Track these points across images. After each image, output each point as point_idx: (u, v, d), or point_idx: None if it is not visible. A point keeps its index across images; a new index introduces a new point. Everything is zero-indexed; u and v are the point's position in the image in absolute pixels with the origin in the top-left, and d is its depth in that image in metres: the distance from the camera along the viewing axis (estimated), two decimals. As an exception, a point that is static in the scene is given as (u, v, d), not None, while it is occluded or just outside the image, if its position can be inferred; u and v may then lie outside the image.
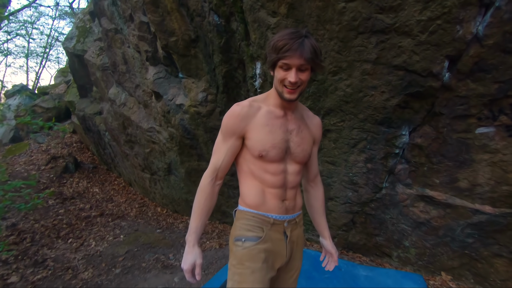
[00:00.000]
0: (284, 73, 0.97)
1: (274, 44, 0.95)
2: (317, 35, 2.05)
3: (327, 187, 2.94)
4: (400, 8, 1.69)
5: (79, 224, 4.21)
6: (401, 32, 1.76)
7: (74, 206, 4.84)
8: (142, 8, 3.34)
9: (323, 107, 2.41)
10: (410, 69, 1.88)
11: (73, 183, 5.80)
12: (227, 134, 1.06)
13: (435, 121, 2.10)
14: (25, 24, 10.36)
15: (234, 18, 2.43)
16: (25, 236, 3.68)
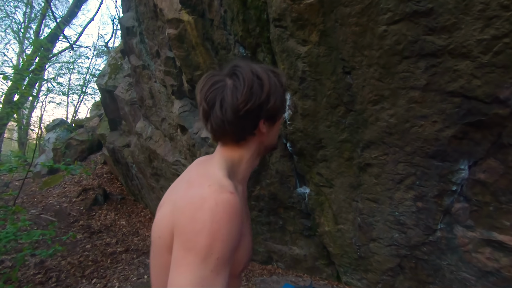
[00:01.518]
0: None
1: (282, 81, 0.72)
2: (353, 62, 1.85)
3: (368, 227, 2.60)
4: (455, 28, 1.46)
5: (104, 261, 4.10)
6: (457, 54, 1.52)
7: (100, 241, 4.78)
8: (168, 44, 3.38)
9: (362, 140, 2.15)
10: (469, 95, 1.60)
11: (101, 216, 5.82)
12: (228, 255, 0.55)
13: (503, 154, 1.76)
14: (66, 65, 11.29)
15: (260, 49, 2.32)
16: (51, 275, 3.60)
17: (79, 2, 11.21)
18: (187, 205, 0.58)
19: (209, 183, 0.61)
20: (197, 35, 2.73)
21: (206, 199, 0.57)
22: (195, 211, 0.56)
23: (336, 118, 2.18)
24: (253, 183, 3.22)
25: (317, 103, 2.17)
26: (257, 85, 0.65)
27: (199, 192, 0.59)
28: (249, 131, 0.70)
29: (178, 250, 0.55)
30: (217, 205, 0.56)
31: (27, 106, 11.16)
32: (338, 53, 1.89)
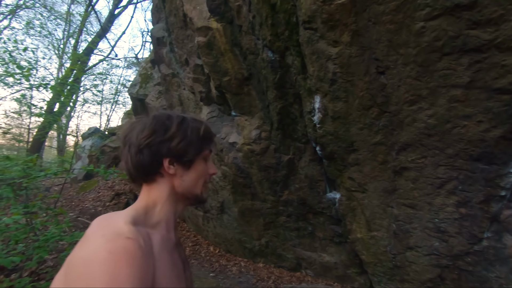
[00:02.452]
0: (205, 165, 0.73)
1: (199, 130, 0.71)
2: (388, 61, 1.79)
3: (404, 234, 2.47)
4: (502, 20, 1.36)
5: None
6: (505, 48, 1.41)
7: (132, 244, 4.95)
8: (197, 52, 3.48)
9: (398, 142, 2.06)
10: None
11: (132, 219, 6.03)
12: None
13: (562, 156, 1.60)
14: (98, 76, 12.01)
15: (289, 52, 2.32)
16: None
17: (112, 17, 11.93)
18: (77, 263, 0.51)
19: (103, 233, 0.54)
20: (226, 42, 2.78)
21: (97, 252, 0.50)
22: (84, 268, 0.48)
23: (369, 120, 2.11)
24: (281, 187, 3.19)
25: (349, 105, 2.11)
26: (162, 125, 0.67)
27: (91, 246, 0.52)
28: (153, 169, 0.68)
29: None
30: (111, 253, 0.49)
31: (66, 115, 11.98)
32: (371, 52, 1.83)
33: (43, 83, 4.18)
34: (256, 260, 4.11)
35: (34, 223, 2.24)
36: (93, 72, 11.66)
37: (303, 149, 2.86)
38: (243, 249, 4.24)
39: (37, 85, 3.90)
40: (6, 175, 2.19)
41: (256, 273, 3.86)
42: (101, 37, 11.40)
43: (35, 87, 4.05)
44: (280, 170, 3.06)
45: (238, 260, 4.40)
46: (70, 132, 12.81)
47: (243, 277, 3.76)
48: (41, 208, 2.27)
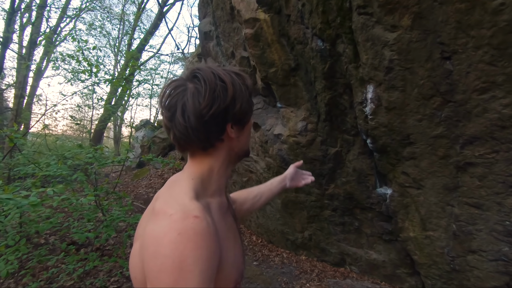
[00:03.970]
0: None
1: (247, 83, 0.66)
2: (455, 45, 1.62)
3: (466, 236, 2.26)
4: None
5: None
6: None
7: (181, 229, 5.28)
8: (243, 44, 3.51)
9: (463, 134, 1.87)
10: None
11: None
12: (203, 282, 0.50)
13: None
14: (150, 71, 12.84)
15: (340, 40, 2.22)
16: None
17: (161, 15, 12.58)
18: (150, 241, 0.53)
19: (172, 211, 0.55)
20: (273, 32, 2.76)
21: (167, 232, 0.52)
22: (156, 247, 0.51)
23: (430, 111, 1.94)
24: (327, 181, 3.12)
25: (407, 94, 1.96)
26: (220, 87, 0.61)
27: (161, 224, 0.54)
28: (216, 137, 0.64)
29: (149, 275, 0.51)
30: (180, 235, 0.51)
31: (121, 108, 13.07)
32: (436, 36, 1.67)
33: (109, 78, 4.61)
34: (298, 252, 4.10)
35: (102, 204, 2.51)
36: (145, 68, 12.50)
37: (351, 141, 2.75)
38: (285, 240, 4.26)
39: (104, 80, 4.32)
40: (79, 161, 2.48)
41: (299, 265, 3.86)
42: (151, 33, 12.11)
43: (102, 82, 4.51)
44: (326, 163, 2.99)
45: (280, 251, 4.44)
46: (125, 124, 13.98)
47: (286, 268, 3.79)
48: (107, 192, 2.54)
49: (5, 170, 3.12)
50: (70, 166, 2.48)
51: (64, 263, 2.72)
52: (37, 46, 9.15)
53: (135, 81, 10.69)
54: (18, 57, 8.56)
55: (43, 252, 2.21)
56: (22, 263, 2.98)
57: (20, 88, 8.37)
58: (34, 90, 10.17)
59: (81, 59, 3.86)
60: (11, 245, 1.75)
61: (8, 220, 1.70)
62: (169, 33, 22.40)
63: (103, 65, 6.40)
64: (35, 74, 9.96)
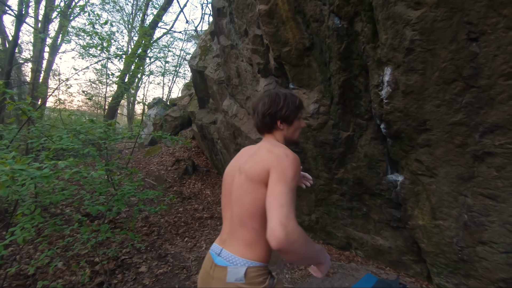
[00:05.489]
0: (299, 122, 1.24)
1: (296, 102, 1.22)
2: (484, 25, 1.50)
3: (478, 227, 2.21)
4: None
5: (193, 224, 4.64)
6: None
7: (190, 206, 5.41)
8: (257, 22, 3.39)
9: (484, 122, 1.78)
10: None
11: (190, 184, 6.54)
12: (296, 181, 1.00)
13: None
14: (163, 49, 12.72)
15: (359, 19, 2.10)
16: (154, 229, 4.27)
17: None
18: (279, 157, 1.00)
19: (283, 148, 1.07)
20: (288, 9, 2.64)
21: (288, 154, 1.02)
22: (284, 158, 1.00)
23: (450, 96, 1.84)
24: (337, 165, 3.08)
25: (426, 78, 1.86)
26: (276, 101, 1.18)
27: (282, 151, 1.04)
28: (271, 126, 1.19)
29: (276, 178, 0.96)
30: (295, 157, 1.02)
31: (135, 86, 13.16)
32: (464, 15, 1.55)
33: (120, 53, 4.59)
34: (305, 234, 4.15)
35: (113, 179, 2.57)
36: (158, 45, 12.37)
37: (364, 126, 2.67)
38: (292, 222, 4.31)
39: (115, 55, 4.30)
40: (91, 136, 2.53)
41: (304, 246, 3.92)
42: (165, 9, 11.88)
43: (113, 57, 4.49)
44: (337, 147, 2.93)
45: (287, 232, 4.52)
46: (139, 101, 14.08)
47: (291, 249, 3.86)
48: (118, 167, 2.59)
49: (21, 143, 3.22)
50: (83, 140, 2.53)
51: (79, 233, 2.86)
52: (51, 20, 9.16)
53: (148, 58, 10.65)
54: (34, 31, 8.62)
55: (58, 222, 2.31)
56: (39, 231, 3.15)
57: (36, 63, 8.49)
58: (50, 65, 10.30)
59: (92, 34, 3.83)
60: (27, 214, 1.83)
61: (24, 190, 1.77)
62: (181, 11, 21.92)
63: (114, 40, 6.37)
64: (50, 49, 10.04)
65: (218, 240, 1.15)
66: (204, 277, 1.11)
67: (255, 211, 1.01)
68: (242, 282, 0.99)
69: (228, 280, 1.00)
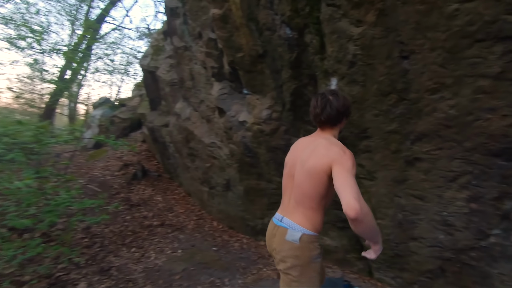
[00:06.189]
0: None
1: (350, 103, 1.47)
2: (413, 45, 1.68)
3: (410, 225, 2.46)
4: (548, 6, 1.24)
5: (142, 232, 4.36)
6: (545, 38, 1.30)
7: (139, 214, 5.08)
8: (211, 25, 3.36)
9: (414, 131, 1.99)
10: (554, 87, 1.39)
11: (139, 190, 6.16)
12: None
13: None
14: (110, 45, 11.86)
15: (308, 30, 2.20)
16: (96, 240, 3.91)
17: (125, -16, 11.56)
18: (339, 153, 1.24)
19: (340, 145, 1.32)
20: (242, 15, 2.67)
21: (344, 149, 1.28)
22: (343, 154, 1.24)
23: (386, 107, 2.03)
24: (288, 170, 3.17)
25: (366, 89, 2.03)
26: (346, 100, 1.44)
27: (340, 148, 1.29)
28: (340, 120, 1.44)
29: (340, 169, 1.19)
30: (349, 151, 1.28)
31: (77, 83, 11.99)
32: (396, 35, 1.73)
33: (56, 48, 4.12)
34: (258, 238, 4.19)
35: (45, 188, 2.30)
36: (105, 41, 11.49)
37: (313, 132, 2.81)
38: (245, 226, 4.32)
39: (49, 50, 3.86)
40: (18, 139, 2.22)
41: (257, 250, 3.95)
42: (113, 3, 11.13)
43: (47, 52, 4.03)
44: (288, 152, 3.03)
45: (241, 237, 4.50)
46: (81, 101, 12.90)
47: (245, 253, 3.85)
48: (52, 174, 2.32)
49: None
50: (7, 144, 2.21)
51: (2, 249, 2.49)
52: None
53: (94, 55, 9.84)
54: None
55: (-27, 238, 1.98)
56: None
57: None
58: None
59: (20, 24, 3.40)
60: None
61: None
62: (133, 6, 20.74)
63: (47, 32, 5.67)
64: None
65: (280, 211, 1.49)
66: (269, 236, 1.49)
67: (314, 194, 1.31)
68: (296, 243, 1.31)
69: (286, 238, 1.33)
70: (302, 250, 1.31)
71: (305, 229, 1.32)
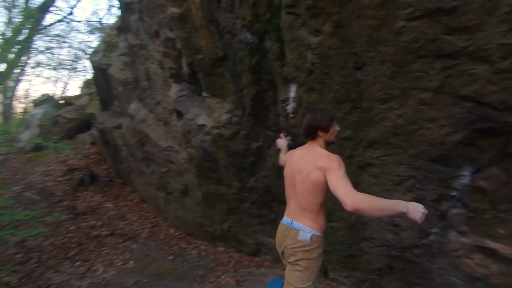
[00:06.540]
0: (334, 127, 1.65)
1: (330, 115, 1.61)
2: (366, 57, 1.78)
3: (361, 226, 2.59)
4: (477, 29, 1.40)
5: (88, 244, 3.99)
6: (475, 57, 1.47)
7: (85, 223, 4.65)
8: (169, 24, 3.22)
9: (365, 138, 2.11)
10: (482, 101, 1.57)
11: (87, 197, 5.65)
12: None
13: (508, 163, 1.74)
14: (56, 38, 10.77)
15: (268, 36, 2.22)
16: (32, 255, 3.48)
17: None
18: (326, 160, 1.45)
19: (326, 153, 1.52)
20: (202, 17, 2.60)
21: (331, 156, 1.48)
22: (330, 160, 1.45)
23: (341, 115, 2.12)
24: (248, 174, 3.16)
25: (323, 97, 2.10)
26: (315, 117, 1.57)
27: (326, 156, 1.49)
28: (315, 133, 1.60)
29: (332, 172, 1.40)
30: (335, 155, 1.47)
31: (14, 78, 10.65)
32: (351, 46, 1.81)
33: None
34: (217, 244, 4.10)
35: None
36: (49, 33, 10.41)
37: (273, 137, 2.83)
38: (203, 232, 4.20)
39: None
40: None
41: (216, 257, 3.85)
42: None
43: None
44: (248, 156, 3.02)
45: (198, 244, 4.36)
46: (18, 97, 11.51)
47: (202, 261, 3.73)
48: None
49: None
50: None
51: None
52: None
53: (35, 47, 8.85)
54: None
55: None
56: None
57: None
58: None
59: None
60: None
61: None
62: None
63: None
64: None
65: (287, 215, 1.72)
66: (280, 237, 1.70)
67: (316, 201, 1.54)
68: (307, 242, 1.53)
69: (299, 238, 1.55)
70: (311, 248, 1.55)
71: (314, 230, 1.56)
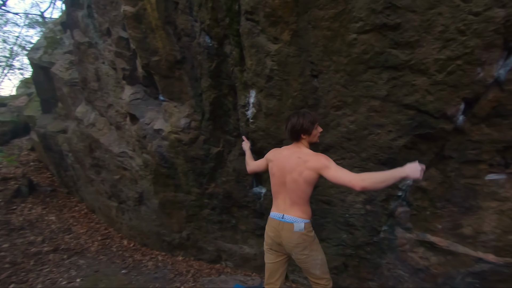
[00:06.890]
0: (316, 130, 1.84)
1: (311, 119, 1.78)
2: (321, 66, 1.87)
3: (319, 227, 2.69)
4: (417, 45, 1.55)
5: (26, 262, 3.54)
6: (416, 70, 1.62)
7: (22, 239, 4.13)
8: (122, 23, 3.04)
9: (322, 143, 2.20)
10: (422, 109, 1.74)
11: (24, 210, 5.03)
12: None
13: (443, 165, 1.95)
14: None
15: (228, 41, 2.21)
16: (-48, 280, 2.98)
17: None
18: (315, 159, 1.70)
19: (312, 153, 1.75)
20: (158, 17, 2.50)
21: (317, 154, 1.73)
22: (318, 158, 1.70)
23: (299, 120, 2.18)
24: (207, 180, 3.09)
25: (282, 103, 2.15)
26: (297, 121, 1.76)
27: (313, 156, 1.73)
28: (298, 135, 1.80)
29: (323, 166, 1.66)
30: (319, 153, 1.75)
31: None
32: (308, 55, 1.89)
33: None
34: (175, 253, 3.93)
35: None
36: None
37: (233, 142, 2.82)
38: (161, 242, 4.00)
39: None
40: None
41: (174, 267, 3.69)
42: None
43: None
44: (208, 162, 2.95)
45: (155, 254, 4.14)
46: None
47: (160, 272, 3.55)
48: None
49: None
50: None
51: None
52: None
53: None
54: None
55: None
56: None
57: None
58: None
59: None
60: None
61: None
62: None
63: None
64: None
65: (277, 210, 1.88)
66: (273, 231, 1.85)
67: (305, 195, 1.79)
68: (302, 231, 1.76)
69: (295, 230, 1.75)
70: (307, 234, 1.78)
71: (305, 219, 1.80)
